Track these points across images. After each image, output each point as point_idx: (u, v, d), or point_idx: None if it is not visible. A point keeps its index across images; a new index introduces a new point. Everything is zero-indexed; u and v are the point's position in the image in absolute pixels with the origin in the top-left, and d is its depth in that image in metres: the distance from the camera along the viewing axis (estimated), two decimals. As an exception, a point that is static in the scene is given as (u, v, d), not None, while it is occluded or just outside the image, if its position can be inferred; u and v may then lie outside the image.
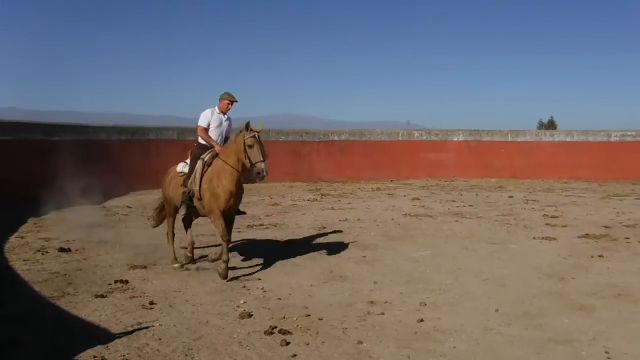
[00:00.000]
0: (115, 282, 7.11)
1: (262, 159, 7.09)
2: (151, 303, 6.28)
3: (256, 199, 16.64)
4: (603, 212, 13.72)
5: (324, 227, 11.33)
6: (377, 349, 5.04)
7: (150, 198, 16.28)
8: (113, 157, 17.49)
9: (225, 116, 7.93)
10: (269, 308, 6.20)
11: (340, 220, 12.28)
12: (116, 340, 5.13)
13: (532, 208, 14.44)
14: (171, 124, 29.09)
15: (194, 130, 22.96)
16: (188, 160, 7.88)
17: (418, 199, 16.33)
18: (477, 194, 18.24)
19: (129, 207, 14.47)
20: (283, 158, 24.65)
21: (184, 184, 7.59)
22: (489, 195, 18.03)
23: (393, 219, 12.47)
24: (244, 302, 6.38)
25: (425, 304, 6.28)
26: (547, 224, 11.67)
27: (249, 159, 7.15)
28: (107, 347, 4.99)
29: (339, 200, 16.44)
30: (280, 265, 8.15)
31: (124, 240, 9.85)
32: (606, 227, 11.30)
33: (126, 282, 7.11)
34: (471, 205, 14.92)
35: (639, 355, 4.79)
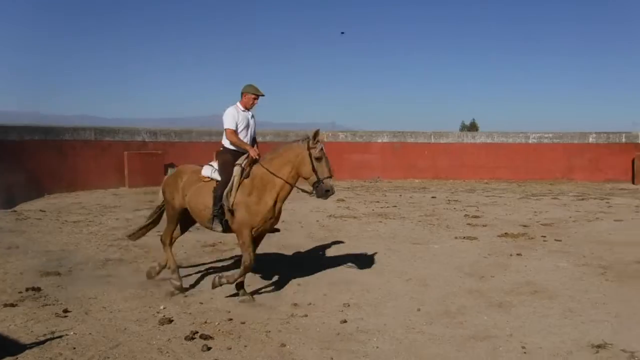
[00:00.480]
0: (27, 289, 6.74)
1: (330, 175, 6.40)
2: (65, 311, 6.03)
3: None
4: (522, 211, 14.33)
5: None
6: (301, 351, 5.05)
7: (66, 201, 15.76)
8: (25, 159, 16.69)
9: (251, 113, 7.01)
10: (190, 313, 6.09)
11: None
12: (27, 352, 4.89)
13: (454, 208, 14.89)
14: (88, 124, 28.16)
15: (111, 131, 22.62)
16: (214, 164, 6.83)
17: (343, 200, 16.47)
18: (400, 195, 18.61)
19: (42, 210, 13.84)
20: (206, 159, 24.25)
21: (217, 194, 6.45)
22: (412, 196, 18.44)
23: (318, 221, 12.53)
24: (164, 308, 6.23)
25: (349, 305, 6.35)
26: (469, 224, 12.06)
27: (315, 173, 6.32)
28: (17, 358, 4.76)
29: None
30: (203, 269, 8.03)
31: (36, 245, 9.42)
32: (524, 226, 11.81)
33: (38, 289, 6.76)
34: (395, 206, 15.21)
35: (552, 348, 5.02)
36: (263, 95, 6.91)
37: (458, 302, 6.45)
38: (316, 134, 6.41)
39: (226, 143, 6.88)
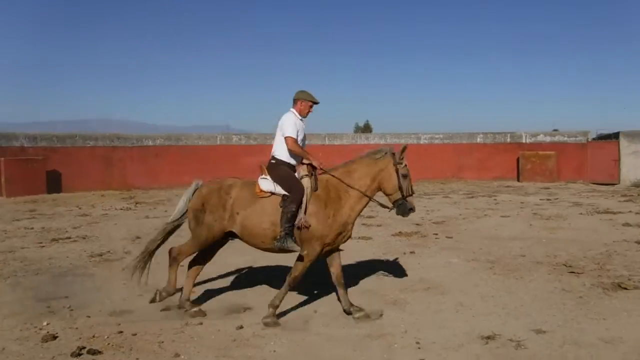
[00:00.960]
0: None
1: (413, 192, 6.28)
2: None
3: (63, 209, 15.59)
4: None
5: (139, 237, 10.90)
6: (195, 361, 4.96)
7: None
8: None
9: (305, 122, 6.46)
10: (76, 328, 5.80)
11: (156, 229, 11.88)
12: None
13: (350, 209, 15.12)
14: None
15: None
16: (266, 176, 6.14)
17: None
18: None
19: None
20: (92, 165, 23.50)
21: (290, 209, 5.83)
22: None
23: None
24: (48, 324, 5.89)
25: (245, 310, 6.31)
26: (364, 224, 12.33)
27: (401, 190, 6.10)
28: None
29: (155, 208, 16.00)
30: (89, 281, 7.69)
31: None
32: (417, 224, 12.24)
33: None
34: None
35: (445, 342, 5.23)
36: (318, 103, 6.47)
37: (354, 302, 6.53)
38: (404, 149, 6.20)
39: (280, 153, 6.23)
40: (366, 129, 75.01)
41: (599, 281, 7.29)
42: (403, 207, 6.14)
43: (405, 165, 6.16)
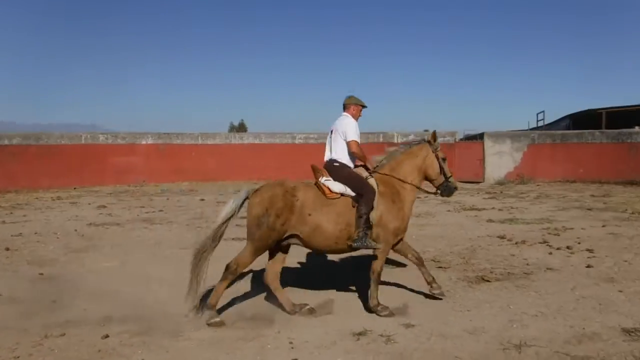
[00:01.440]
0: None
1: (452, 173, 6.65)
2: None
3: None
4: (289, 210, 14.93)
5: (-8, 244, 10.16)
6: (55, 375, 4.69)
7: None
8: None
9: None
10: None
11: (12, 236, 11.16)
12: None
13: (224, 210, 14.99)
14: None
15: None
16: (328, 178, 6.33)
17: (104, 206, 15.73)
18: (168, 199, 18.32)
19: None
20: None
21: (365, 210, 5.98)
22: (180, 199, 18.27)
23: (76, 230, 11.80)
24: None
25: (112, 319, 6.05)
26: (238, 225, 12.19)
27: (444, 173, 6.55)
28: None
29: (12, 213, 15.01)
30: None
31: None
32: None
33: None
34: (161, 211, 14.92)
35: (318, 340, 5.30)
36: (367, 107, 6.75)
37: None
38: (435, 135, 6.61)
39: (341, 156, 6.46)
40: (241, 128, 74.80)
41: (464, 275, 7.73)
42: (448, 189, 6.65)
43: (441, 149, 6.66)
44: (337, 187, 6.20)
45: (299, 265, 8.37)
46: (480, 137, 27.45)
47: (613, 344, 5.14)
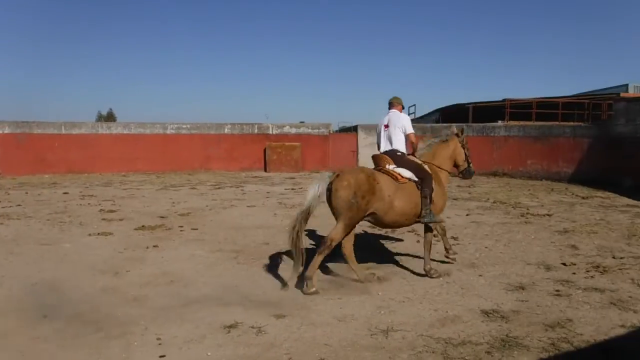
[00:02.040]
0: None
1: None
2: None
3: None
4: (160, 202, 14.63)
5: None
6: None
7: None
8: None
9: None
10: None
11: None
12: None
13: (89, 204, 14.43)
14: None
15: None
16: (394, 166, 7.30)
17: (-46, 201, 14.57)
18: (27, 192, 17.29)
19: None
20: None
21: (428, 191, 7.21)
22: (41, 192, 17.29)
23: None
24: None
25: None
26: (104, 219, 11.81)
27: (467, 161, 8.16)
28: None
29: None
30: None
31: None
32: (162, 217, 12.07)
33: None
34: (20, 205, 14.07)
35: (187, 335, 5.24)
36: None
37: (91, 302, 6.25)
38: (462, 130, 8.20)
39: (401, 147, 7.61)
40: (109, 117, 72.02)
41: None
42: (469, 172, 8.22)
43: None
44: (406, 173, 7.23)
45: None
46: (354, 129, 28.15)
47: (473, 325, 5.52)
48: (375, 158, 7.64)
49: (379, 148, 7.82)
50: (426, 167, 7.45)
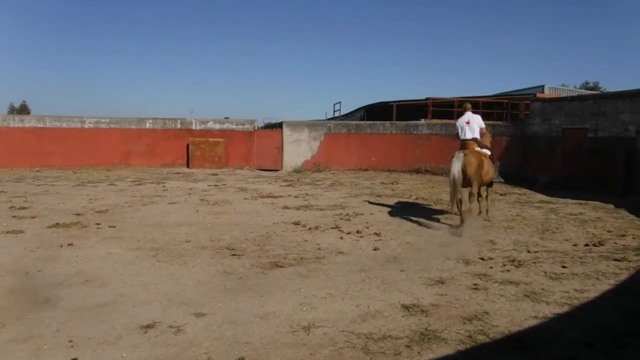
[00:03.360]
0: None
1: None
2: None
3: None
4: (76, 199, 14.13)
5: None
6: None
7: None
8: None
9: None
10: None
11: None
12: None
13: (-1, 200, 13.78)
14: None
15: None
16: (479, 148, 11.53)
17: None
18: None
19: None
20: None
21: (497, 164, 12.68)
22: (-54, 189, 16.38)
23: None
24: None
25: None
26: (15, 216, 11.30)
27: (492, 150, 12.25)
28: None
29: None
30: None
31: None
32: (78, 214, 11.67)
33: None
34: None
35: (101, 336, 5.05)
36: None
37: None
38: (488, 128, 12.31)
39: (478, 136, 11.66)
40: (23, 110, 69.24)
41: (258, 261, 7.86)
42: (494, 159, 12.07)
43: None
44: (487, 152, 11.59)
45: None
46: (279, 125, 28.07)
47: (393, 319, 5.60)
48: (465, 143, 11.48)
49: (460, 137, 11.73)
50: (487, 150, 11.65)
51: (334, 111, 37.24)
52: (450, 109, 26.95)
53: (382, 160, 25.51)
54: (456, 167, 10.44)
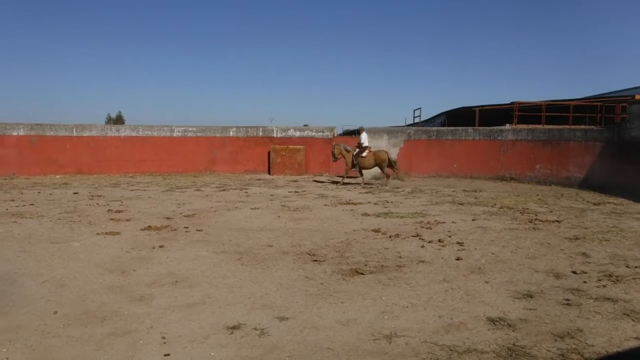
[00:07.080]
0: None
1: None
2: None
3: None
4: (166, 204, 14.68)
5: None
6: None
7: None
8: None
9: None
10: None
11: None
12: None
13: (97, 204, 14.53)
14: None
15: None
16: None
17: (-35, 199, 14.65)
18: (39, 192, 17.45)
19: None
20: None
21: None
22: (52, 192, 17.45)
23: None
24: None
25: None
26: (112, 219, 11.86)
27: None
28: None
29: None
30: None
31: None
32: (168, 218, 12.12)
33: None
34: (32, 204, 14.19)
35: (191, 335, 5.26)
36: None
37: (98, 300, 6.29)
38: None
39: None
40: (118, 120, 72.57)
41: (339, 268, 7.90)
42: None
43: None
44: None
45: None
46: (358, 132, 28.09)
47: (478, 332, 5.44)
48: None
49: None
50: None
51: (414, 117, 36.94)
52: (538, 114, 25.97)
53: (463, 167, 25.10)
54: None
